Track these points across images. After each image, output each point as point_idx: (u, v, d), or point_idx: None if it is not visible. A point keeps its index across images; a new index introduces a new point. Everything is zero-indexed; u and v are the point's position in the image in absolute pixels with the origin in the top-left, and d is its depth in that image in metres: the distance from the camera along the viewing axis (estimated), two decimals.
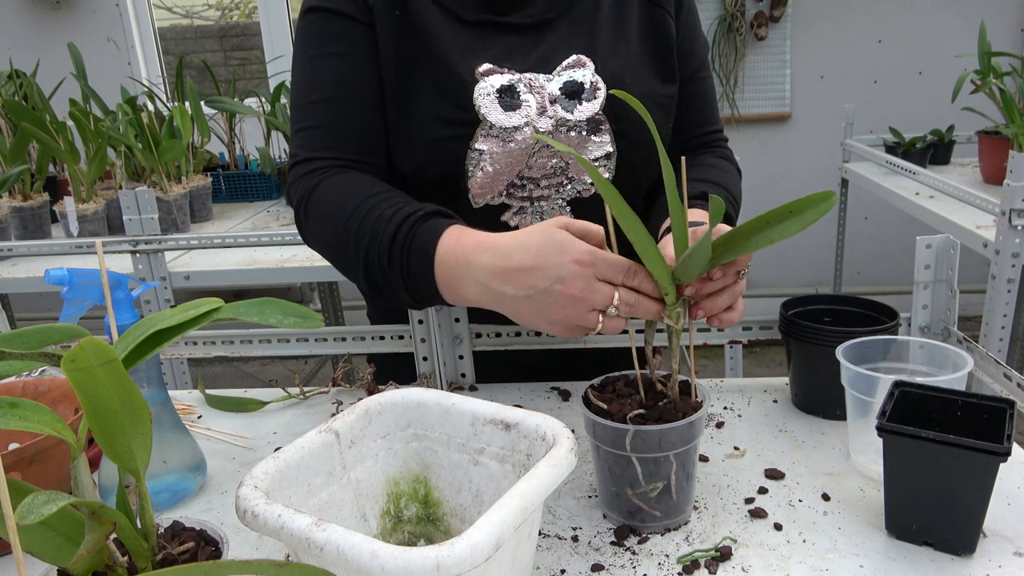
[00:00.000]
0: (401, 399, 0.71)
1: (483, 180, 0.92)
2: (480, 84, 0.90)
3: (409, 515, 0.72)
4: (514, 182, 0.93)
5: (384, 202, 0.85)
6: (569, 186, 0.94)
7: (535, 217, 0.95)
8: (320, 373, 3.30)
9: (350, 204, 0.86)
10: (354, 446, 0.69)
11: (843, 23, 3.31)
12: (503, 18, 0.93)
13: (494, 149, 0.91)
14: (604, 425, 0.72)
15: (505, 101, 0.90)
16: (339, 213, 0.87)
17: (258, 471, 0.61)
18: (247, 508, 0.57)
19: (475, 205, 0.94)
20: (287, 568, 0.45)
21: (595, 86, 0.92)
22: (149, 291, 1.77)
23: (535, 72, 0.92)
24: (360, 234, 0.84)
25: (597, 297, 0.72)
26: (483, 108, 0.90)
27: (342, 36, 0.93)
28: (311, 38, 0.94)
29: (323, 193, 0.90)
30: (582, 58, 0.93)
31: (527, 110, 0.91)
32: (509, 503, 0.54)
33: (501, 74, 0.91)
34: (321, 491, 0.65)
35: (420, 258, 0.80)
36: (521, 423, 0.66)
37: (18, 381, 0.88)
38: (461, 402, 0.69)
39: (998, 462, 0.65)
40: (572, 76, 0.92)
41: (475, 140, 0.90)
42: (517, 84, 0.91)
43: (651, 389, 0.78)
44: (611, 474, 0.74)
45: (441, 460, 0.71)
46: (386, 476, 0.71)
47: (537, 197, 0.94)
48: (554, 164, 0.93)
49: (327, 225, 0.88)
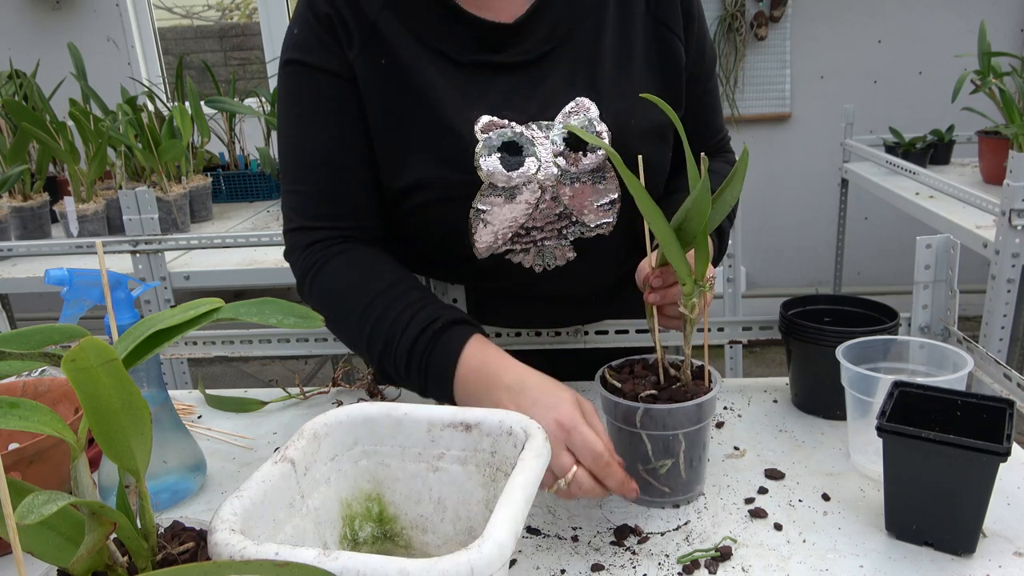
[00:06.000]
0: (346, 416, 0.68)
1: (486, 236, 0.89)
2: (481, 144, 0.85)
3: (364, 536, 0.69)
4: (518, 232, 0.90)
5: (398, 301, 0.83)
6: (573, 228, 0.91)
7: (538, 256, 0.93)
8: (320, 373, 3.30)
9: (361, 298, 0.84)
10: (308, 473, 0.65)
11: (843, 23, 3.31)
12: (498, 56, 0.87)
13: (496, 207, 0.87)
14: (616, 402, 0.77)
15: (507, 160, 0.85)
16: (350, 305, 0.85)
17: (226, 513, 0.56)
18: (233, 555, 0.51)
19: (479, 256, 0.92)
20: (287, 568, 0.45)
21: (599, 136, 0.87)
22: (149, 291, 1.77)
23: (536, 121, 0.87)
24: (374, 336, 0.83)
25: (554, 464, 0.70)
26: (486, 169, 0.85)
27: (326, 95, 0.88)
28: (292, 96, 0.90)
29: (329, 278, 0.88)
30: (584, 102, 0.88)
31: (530, 166, 0.86)
32: (515, 496, 0.54)
33: (502, 127, 0.86)
34: (285, 525, 0.62)
35: (440, 376, 0.79)
36: (483, 421, 0.65)
37: (18, 381, 0.88)
38: (414, 410, 0.67)
39: (998, 462, 0.65)
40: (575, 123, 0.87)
41: (476, 200, 0.87)
42: (519, 139, 0.86)
43: (668, 374, 0.81)
44: (623, 450, 0.77)
45: (395, 473, 0.69)
46: (339, 500, 0.68)
47: (540, 240, 0.91)
48: (558, 213, 0.90)
49: (336, 312, 0.87)
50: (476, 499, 0.66)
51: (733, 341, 1.05)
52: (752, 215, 3.50)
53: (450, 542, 0.68)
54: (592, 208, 0.90)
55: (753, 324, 1.03)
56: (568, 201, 0.89)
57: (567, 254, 0.93)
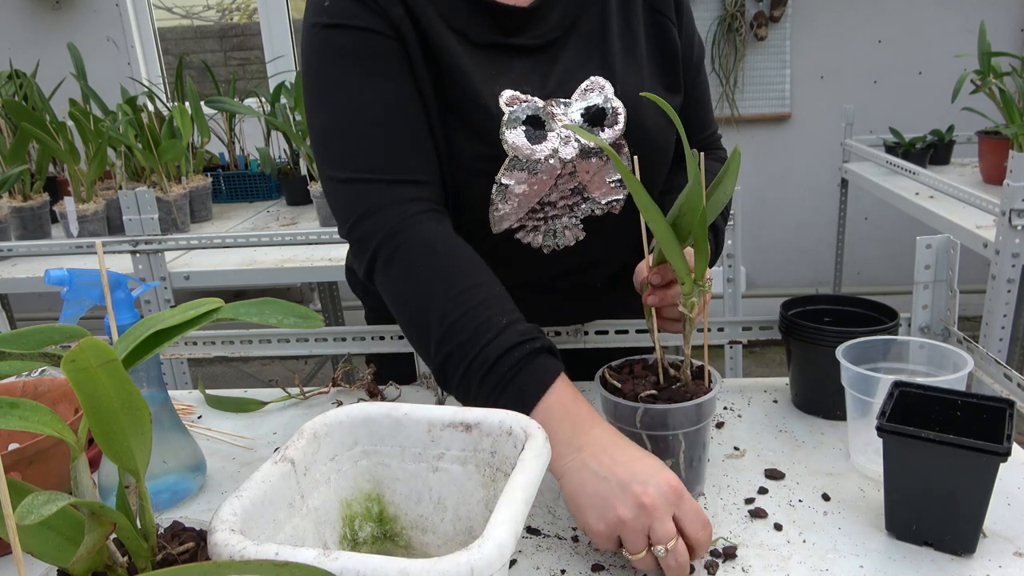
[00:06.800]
0: (346, 416, 0.68)
1: (506, 211, 0.90)
2: (506, 117, 0.87)
3: (364, 536, 0.69)
4: (534, 208, 0.91)
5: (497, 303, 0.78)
6: (584, 205, 0.93)
7: (547, 235, 0.94)
8: (320, 373, 3.30)
9: (455, 283, 0.79)
10: (308, 473, 0.65)
11: (843, 23, 3.31)
12: (512, 40, 0.91)
13: (519, 181, 0.89)
14: (616, 402, 0.77)
15: (531, 133, 0.87)
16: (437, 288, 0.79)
17: (225, 513, 0.55)
18: (233, 555, 0.51)
19: (494, 231, 0.92)
20: (287, 568, 0.45)
21: (616, 111, 0.90)
22: (149, 291, 1.77)
23: (555, 97, 0.90)
24: (455, 327, 0.77)
25: (659, 526, 0.65)
26: (511, 142, 0.86)
27: (380, 55, 0.86)
28: (340, 58, 0.86)
29: (412, 253, 0.82)
30: (599, 80, 0.91)
31: (553, 140, 0.88)
32: (515, 496, 0.54)
33: (525, 102, 0.88)
34: (285, 525, 0.62)
35: (522, 394, 0.74)
36: (483, 421, 0.65)
37: (18, 381, 0.88)
38: (414, 410, 0.67)
39: (998, 462, 0.65)
40: (592, 101, 0.90)
41: (500, 175, 0.88)
42: (542, 113, 0.88)
43: (668, 374, 0.81)
44: None
45: (395, 473, 0.68)
46: (339, 500, 0.68)
47: (552, 216, 0.93)
48: (573, 187, 0.92)
49: (417, 291, 0.81)
50: (476, 499, 0.66)
51: (733, 341, 1.05)
52: (752, 215, 3.50)
53: (450, 542, 0.68)
54: (604, 184, 0.93)
55: (753, 324, 1.03)
56: (583, 177, 0.91)
57: (577, 233, 0.95)
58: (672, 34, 0.97)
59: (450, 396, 1.05)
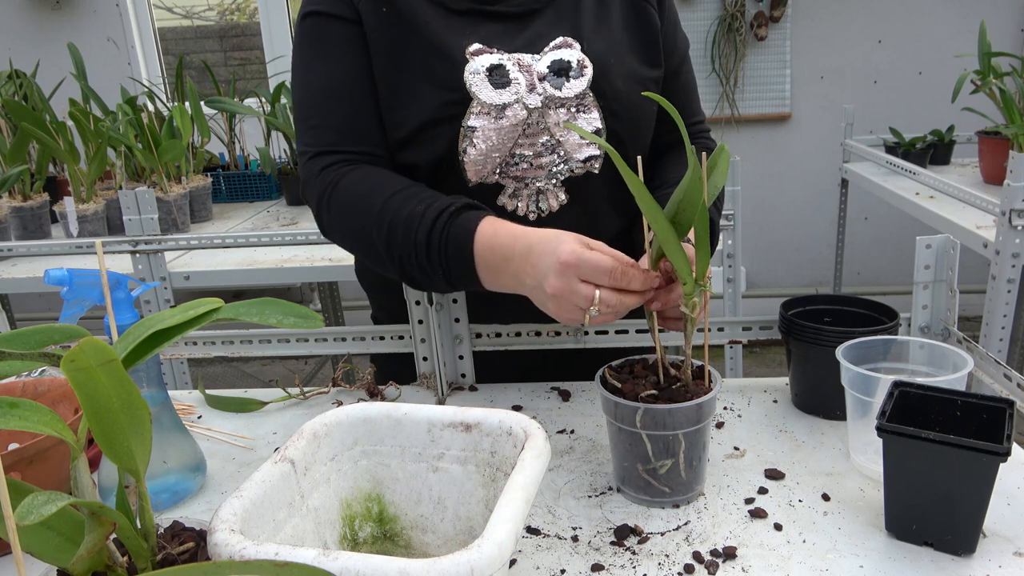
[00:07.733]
0: (346, 417, 0.69)
1: (476, 157, 0.94)
2: (470, 64, 0.93)
3: (364, 536, 0.69)
4: (507, 159, 0.95)
5: (412, 198, 0.89)
6: (563, 166, 0.96)
7: (531, 200, 0.97)
8: (320, 373, 3.30)
9: (377, 201, 0.90)
10: (308, 473, 0.65)
11: (843, 23, 3.31)
12: (490, 7, 0.97)
13: (486, 126, 0.93)
14: (616, 402, 0.77)
15: (495, 79, 0.93)
16: (366, 209, 0.90)
17: (225, 513, 0.55)
18: (233, 555, 0.51)
19: (470, 184, 0.96)
20: (287, 568, 0.45)
21: (582, 64, 0.95)
22: (149, 291, 1.77)
23: (523, 52, 0.96)
24: (392, 231, 0.88)
25: (576, 298, 0.76)
26: (473, 86, 0.92)
27: (338, 37, 0.97)
28: (310, 40, 0.99)
29: (346, 189, 0.93)
30: (568, 39, 0.96)
31: (516, 87, 0.93)
32: (514, 497, 0.54)
33: (491, 53, 0.94)
34: (285, 525, 0.62)
35: (459, 255, 0.85)
36: (483, 422, 0.66)
37: (18, 381, 0.88)
38: (413, 411, 0.68)
39: (998, 462, 0.65)
40: (560, 55, 0.95)
41: (467, 118, 0.93)
42: (506, 63, 0.94)
43: (668, 374, 0.82)
44: (624, 450, 0.78)
45: (395, 473, 0.69)
46: (339, 499, 0.68)
47: (531, 178, 0.96)
48: (545, 141, 0.95)
49: (354, 220, 0.92)
50: (476, 499, 0.66)
51: (733, 341, 1.05)
52: (752, 215, 3.50)
53: (450, 542, 0.68)
54: (577, 139, 0.96)
55: (753, 324, 1.03)
56: (554, 129, 0.95)
57: (559, 195, 0.97)
58: (651, 15, 1.02)
59: (450, 397, 1.06)
